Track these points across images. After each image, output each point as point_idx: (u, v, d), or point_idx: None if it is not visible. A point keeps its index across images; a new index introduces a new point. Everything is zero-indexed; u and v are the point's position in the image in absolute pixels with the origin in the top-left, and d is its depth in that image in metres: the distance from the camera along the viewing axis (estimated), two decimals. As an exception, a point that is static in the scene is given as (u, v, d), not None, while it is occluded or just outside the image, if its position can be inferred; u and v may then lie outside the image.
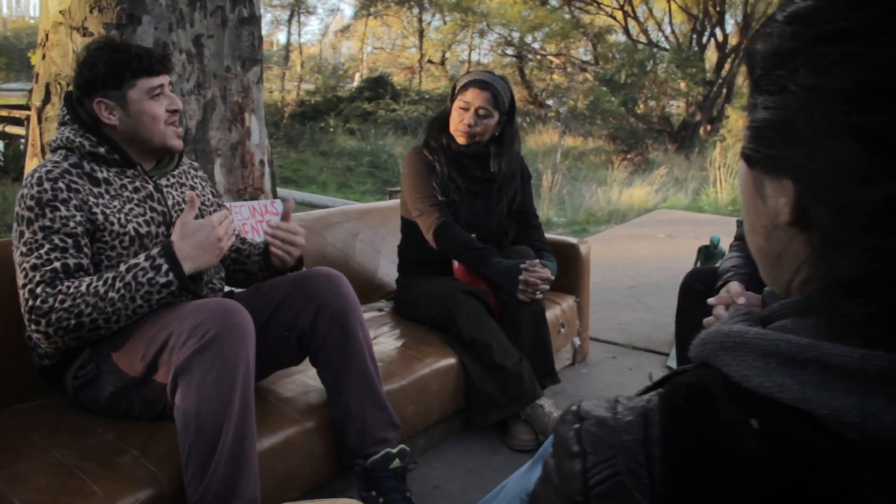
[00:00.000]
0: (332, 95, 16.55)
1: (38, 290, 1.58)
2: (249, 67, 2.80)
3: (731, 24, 17.17)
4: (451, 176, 2.57)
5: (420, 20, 18.60)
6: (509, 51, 19.41)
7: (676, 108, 16.97)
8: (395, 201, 3.20)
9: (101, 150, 1.73)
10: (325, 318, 1.84)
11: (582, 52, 19.37)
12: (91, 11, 2.45)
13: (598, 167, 13.18)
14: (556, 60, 18.48)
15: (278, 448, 1.77)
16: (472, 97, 2.53)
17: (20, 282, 1.62)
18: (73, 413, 1.78)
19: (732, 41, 16.54)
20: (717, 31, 16.50)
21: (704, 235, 6.21)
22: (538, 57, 18.96)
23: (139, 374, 1.66)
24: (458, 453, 2.34)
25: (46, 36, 2.50)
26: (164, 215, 1.81)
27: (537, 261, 2.45)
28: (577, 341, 3.01)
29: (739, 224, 2.35)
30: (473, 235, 2.56)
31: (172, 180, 1.90)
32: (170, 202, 1.84)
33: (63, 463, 1.56)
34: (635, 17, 17.37)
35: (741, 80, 19.02)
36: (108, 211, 1.70)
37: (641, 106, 15.73)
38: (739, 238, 2.30)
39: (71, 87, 1.84)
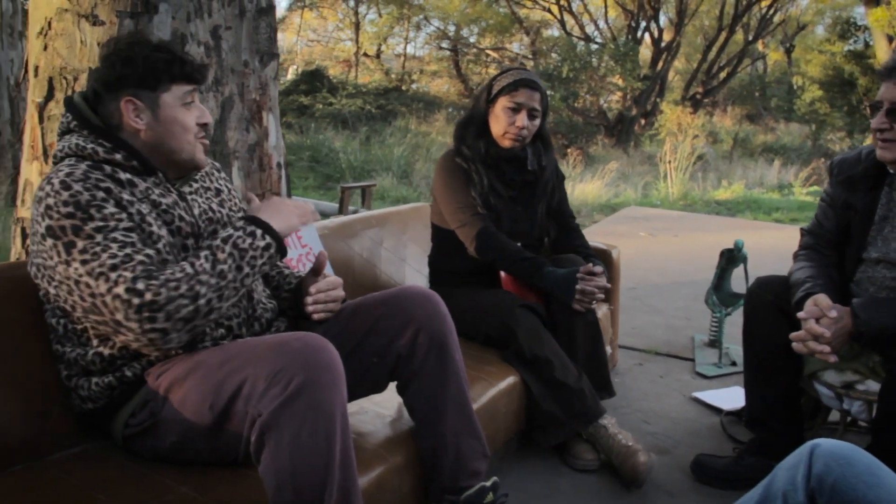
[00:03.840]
0: (268, 88, 16.10)
1: (140, 285, 1.34)
2: (267, 62, 2.57)
3: (663, 20, 17.51)
4: (491, 185, 2.42)
5: (356, 13, 18.27)
6: (444, 44, 19.30)
7: (615, 102, 17.19)
8: (413, 205, 3.03)
9: (118, 156, 1.50)
10: (424, 342, 1.66)
11: (517, 46, 19.45)
12: (102, -3, 2.18)
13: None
14: (493, 54, 18.47)
15: (371, 491, 1.57)
16: (525, 98, 2.38)
17: (101, 288, 1.36)
18: (129, 462, 1.54)
19: (666, 37, 16.87)
20: (652, 26, 16.78)
21: (684, 233, 6.29)
22: (474, 50, 18.91)
23: (208, 424, 1.43)
24: (520, 477, 2.19)
25: (49, 23, 2.21)
26: (192, 226, 1.58)
27: (598, 267, 2.32)
28: (608, 350, 2.90)
29: (804, 233, 2.28)
30: (519, 244, 2.42)
31: (195, 185, 1.67)
32: (196, 211, 1.61)
33: (145, 526, 1.34)
34: (571, 12, 17.50)
35: (672, 76, 19.47)
36: (143, 211, 1.48)
37: (580, 101, 15.86)
38: (806, 247, 2.23)
39: (83, 85, 1.60)
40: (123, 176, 1.49)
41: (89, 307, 1.39)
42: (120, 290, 1.34)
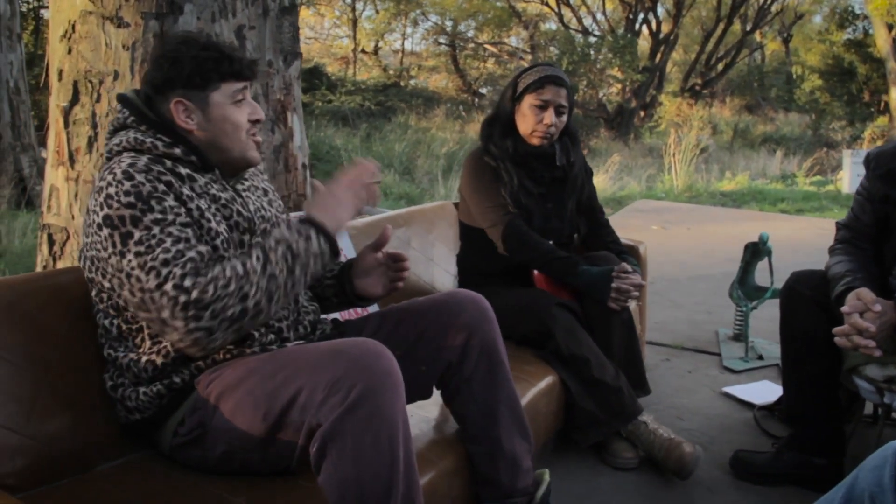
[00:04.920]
0: (266, 86, 16.05)
1: (187, 282, 1.32)
2: (291, 62, 2.54)
3: (661, 11, 17.47)
4: (521, 183, 2.40)
5: (353, 9, 18.20)
6: (442, 39, 19.24)
7: (614, 94, 17.17)
8: (437, 204, 3.00)
9: (177, 150, 1.48)
10: (475, 348, 1.64)
11: (514, 40, 19.40)
12: (127, -1, 2.15)
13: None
14: (491, 48, 18.42)
15: (426, 497, 1.55)
16: (552, 95, 2.35)
17: (150, 283, 1.33)
18: (177, 472, 1.51)
19: (664, 28, 16.84)
20: (650, 17, 16.74)
21: (695, 225, 6.28)
22: (472, 45, 18.86)
23: (260, 434, 1.40)
24: (559, 477, 2.17)
25: (73, 26, 2.17)
26: (249, 222, 1.56)
27: (627, 265, 2.30)
28: (636, 346, 2.88)
29: (840, 227, 2.26)
30: (550, 242, 2.39)
31: (247, 184, 1.65)
32: (251, 207, 1.59)
33: (202, 539, 1.31)
34: (568, 4, 17.46)
35: (670, 67, 19.45)
36: (202, 207, 1.46)
37: (580, 94, 15.84)
38: (843, 241, 2.21)
39: (108, 88, 1.57)
40: (183, 171, 1.47)
41: (139, 302, 1.37)
42: (168, 286, 1.32)
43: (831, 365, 2.15)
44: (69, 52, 2.19)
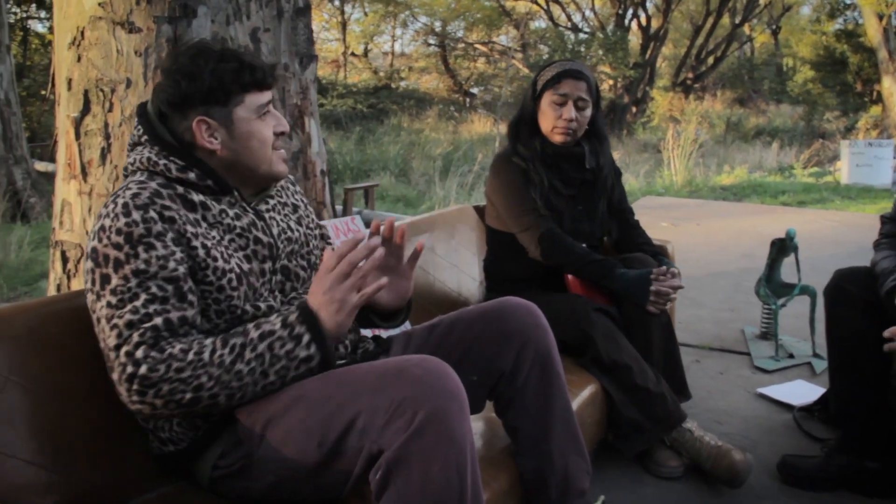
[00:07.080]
0: (257, 92, 15.93)
1: (140, 353, 1.23)
2: (307, 65, 2.44)
3: (650, 6, 17.44)
4: (551, 184, 2.31)
5: (342, 12, 18.08)
6: (432, 40, 19.16)
7: (606, 91, 17.12)
8: (457, 207, 2.91)
9: (191, 174, 1.37)
10: (529, 357, 1.55)
11: (504, 39, 19.34)
12: (138, 3, 2.04)
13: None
14: (481, 48, 18.35)
15: (481, 521, 1.47)
16: (570, 88, 2.27)
17: (111, 341, 1.26)
18: None
19: (654, 24, 16.81)
20: (641, 13, 16.71)
21: (704, 221, 6.22)
22: (462, 45, 18.78)
23: (313, 462, 1.29)
24: (604, 489, 2.08)
25: (82, 33, 2.07)
26: (270, 248, 1.45)
27: (666, 268, 2.22)
28: (667, 348, 2.79)
29: (885, 220, 2.18)
30: (583, 245, 2.31)
31: (272, 202, 1.53)
32: (275, 231, 1.48)
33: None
34: (558, 2, 17.40)
35: (660, 62, 19.42)
36: (208, 244, 1.35)
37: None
38: (890, 235, 2.14)
39: (121, 97, 1.46)
40: (196, 198, 1.37)
41: (103, 349, 1.29)
42: (124, 351, 1.24)
43: (883, 363, 2.07)
44: (78, 59, 2.09)
